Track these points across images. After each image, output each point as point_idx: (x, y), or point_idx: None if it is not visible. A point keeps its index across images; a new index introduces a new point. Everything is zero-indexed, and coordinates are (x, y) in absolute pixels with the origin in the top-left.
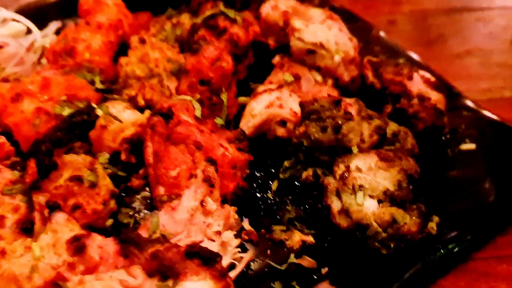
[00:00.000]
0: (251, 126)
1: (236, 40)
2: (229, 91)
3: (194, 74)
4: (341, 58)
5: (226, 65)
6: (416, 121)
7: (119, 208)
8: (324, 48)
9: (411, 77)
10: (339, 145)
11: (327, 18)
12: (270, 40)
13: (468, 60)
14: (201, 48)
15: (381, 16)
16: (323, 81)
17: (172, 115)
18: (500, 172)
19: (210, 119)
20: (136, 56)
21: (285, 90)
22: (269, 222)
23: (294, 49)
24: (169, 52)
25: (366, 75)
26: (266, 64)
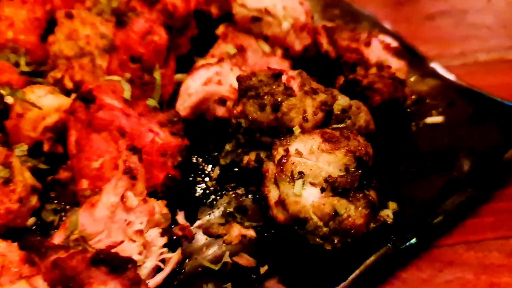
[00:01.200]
0: (187, 106)
1: (171, 10)
2: (167, 68)
3: (124, 50)
4: (291, 24)
5: (159, 39)
6: (372, 93)
7: (44, 205)
8: (270, 14)
9: (368, 43)
10: (279, 125)
11: None
12: (212, 8)
13: (440, 21)
14: (130, 21)
15: None
16: (271, 52)
17: (94, 99)
18: (471, 148)
19: (142, 100)
20: (64, 33)
21: (226, 64)
22: (207, 215)
23: (237, 17)
24: (103, 27)
25: (320, 42)
26: (213, 35)
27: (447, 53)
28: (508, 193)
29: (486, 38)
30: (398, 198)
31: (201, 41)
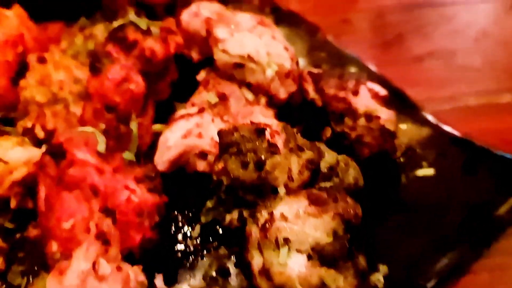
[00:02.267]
0: (165, 160)
1: (149, 55)
2: (144, 117)
3: (98, 99)
4: (275, 72)
5: (135, 87)
6: (361, 147)
7: (10, 266)
8: (254, 61)
9: (356, 91)
10: (263, 184)
11: (257, 24)
12: (193, 53)
13: (429, 62)
14: (104, 67)
15: (333, 15)
16: (255, 100)
17: (64, 154)
18: (463, 202)
19: (118, 153)
20: (35, 79)
21: (207, 115)
22: (188, 278)
23: (219, 63)
24: (78, 71)
25: (306, 90)
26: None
27: (436, 96)
28: (502, 248)
29: (475, 81)
30: (388, 259)
31: (182, 85)
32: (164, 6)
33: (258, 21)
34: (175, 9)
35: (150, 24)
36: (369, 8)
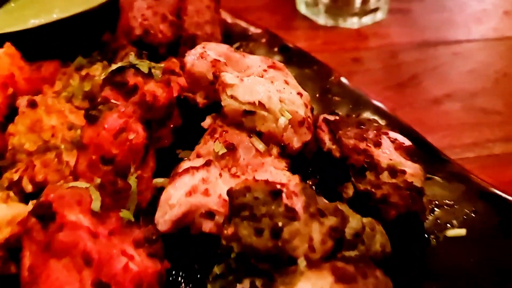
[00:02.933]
0: (168, 219)
1: (150, 101)
2: (144, 169)
3: (94, 149)
4: (288, 120)
5: (135, 137)
6: (387, 208)
7: None
8: (265, 108)
9: (378, 142)
10: (280, 253)
11: (268, 67)
12: (198, 97)
13: (448, 105)
14: (101, 115)
15: (344, 53)
16: (266, 150)
17: (54, 216)
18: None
19: (114, 212)
20: (25, 125)
21: (213, 169)
22: None
23: (227, 110)
24: (72, 115)
25: (322, 139)
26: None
27: (458, 143)
28: None
29: (498, 125)
30: None
31: (185, 132)
32: (167, 45)
33: (270, 65)
34: (178, 48)
35: (152, 66)
36: (380, 46)
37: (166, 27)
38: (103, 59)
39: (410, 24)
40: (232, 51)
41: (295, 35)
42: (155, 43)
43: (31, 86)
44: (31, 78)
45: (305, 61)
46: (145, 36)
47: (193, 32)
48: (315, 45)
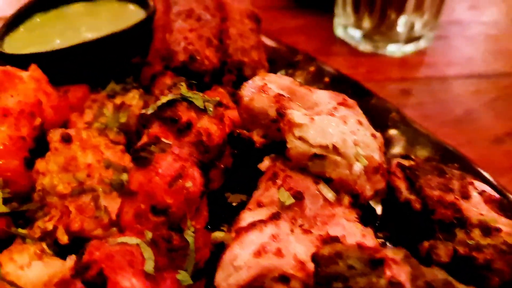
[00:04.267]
0: (233, 284)
1: (206, 141)
2: (198, 219)
3: (144, 198)
4: (364, 166)
5: (192, 185)
6: (489, 274)
7: None
8: (339, 153)
9: (467, 195)
10: None
11: (338, 104)
12: (255, 135)
13: (510, 145)
14: (153, 158)
15: (390, 83)
16: (336, 199)
17: (105, 283)
18: None
19: (169, 272)
20: (58, 163)
21: (283, 223)
22: None
23: (293, 153)
24: (109, 152)
25: (397, 187)
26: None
27: None
28: None
29: None
30: None
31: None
32: (212, 73)
33: (340, 101)
34: (222, 76)
35: (206, 99)
36: (428, 77)
37: (212, 52)
38: (139, 86)
39: (455, 53)
40: (297, 84)
41: (336, 61)
42: (200, 71)
43: (59, 115)
44: (59, 106)
45: (361, 94)
46: (191, 62)
47: (239, 58)
48: (358, 74)
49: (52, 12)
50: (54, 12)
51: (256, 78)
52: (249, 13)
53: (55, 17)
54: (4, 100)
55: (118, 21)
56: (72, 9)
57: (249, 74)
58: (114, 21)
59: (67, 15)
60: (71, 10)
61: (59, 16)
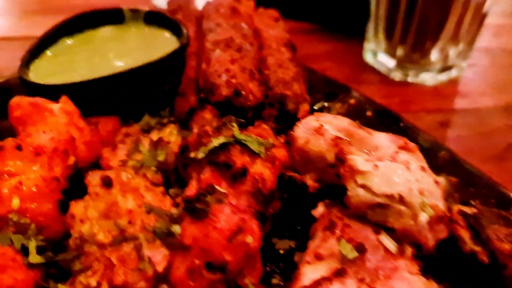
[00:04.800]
0: None
1: (261, 186)
2: (252, 273)
3: (199, 253)
4: (430, 216)
5: (252, 239)
6: None
7: None
8: (404, 203)
9: None
10: None
11: (399, 148)
12: (308, 179)
13: None
14: (209, 210)
15: (427, 115)
16: (398, 250)
17: None
18: None
19: None
20: (98, 209)
21: (350, 280)
22: None
23: (354, 201)
24: (149, 194)
25: (460, 237)
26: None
27: None
28: None
29: None
30: None
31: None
32: (253, 107)
33: (401, 145)
34: (264, 108)
35: (260, 142)
36: (465, 109)
37: (256, 86)
38: (176, 120)
39: (487, 82)
40: (355, 126)
41: (368, 90)
42: (245, 106)
43: (92, 151)
44: (92, 141)
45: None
46: (235, 97)
47: (281, 91)
48: (393, 104)
49: (79, 36)
50: (81, 36)
51: (310, 118)
52: (286, 41)
53: (83, 42)
54: (36, 136)
55: (148, 48)
56: (100, 33)
57: (291, 108)
58: (144, 48)
59: (95, 39)
60: (98, 34)
61: (87, 41)
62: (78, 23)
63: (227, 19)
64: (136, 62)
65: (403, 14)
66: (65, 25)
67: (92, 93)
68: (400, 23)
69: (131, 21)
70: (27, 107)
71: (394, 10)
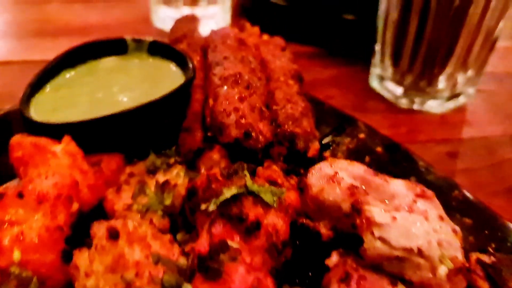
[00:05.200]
0: None
1: (275, 239)
2: None
3: None
4: (449, 269)
5: None
6: None
7: None
8: (423, 256)
9: None
10: None
11: (416, 197)
12: (322, 228)
13: None
14: (223, 269)
15: (435, 145)
16: None
17: None
18: None
19: None
20: (104, 263)
21: None
22: None
23: (370, 253)
24: (156, 243)
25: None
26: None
27: None
28: None
29: None
30: None
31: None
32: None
33: (418, 193)
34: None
35: (274, 192)
36: (473, 138)
37: (266, 126)
38: (182, 160)
39: (497, 109)
40: (371, 173)
41: (374, 119)
42: (255, 148)
43: (95, 194)
44: (96, 184)
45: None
46: (245, 139)
47: (291, 129)
48: (400, 134)
49: (81, 67)
50: (83, 67)
51: (325, 165)
52: (293, 73)
53: (85, 74)
54: (38, 182)
55: (153, 81)
56: (103, 64)
57: (301, 147)
58: (148, 81)
59: (97, 71)
60: (101, 66)
61: (89, 73)
62: (80, 54)
63: (234, 52)
64: (141, 96)
65: (412, 40)
66: (66, 56)
67: (96, 132)
68: (408, 50)
69: (135, 51)
70: (28, 147)
71: (402, 36)
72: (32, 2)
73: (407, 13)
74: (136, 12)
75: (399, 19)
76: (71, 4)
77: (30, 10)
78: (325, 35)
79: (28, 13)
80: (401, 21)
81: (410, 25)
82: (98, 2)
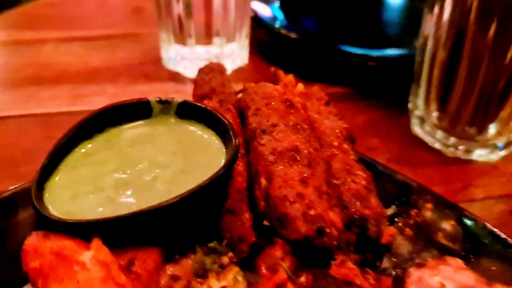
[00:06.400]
0: None
1: None
2: None
3: None
4: None
5: None
6: None
7: None
8: None
9: None
10: None
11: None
12: None
13: None
14: None
15: (496, 203)
16: None
17: None
18: None
19: None
20: None
21: None
22: None
23: None
24: None
25: None
26: None
27: None
28: None
29: None
30: None
31: None
32: None
33: None
34: None
35: None
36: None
37: (337, 215)
38: (237, 255)
39: None
40: (483, 283)
41: (425, 174)
42: (330, 247)
43: None
44: None
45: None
46: (317, 237)
47: (360, 212)
48: (456, 191)
49: (99, 138)
50: (102, 137)
51: (427, 274)
52: (346, 134)
53: (104, 147)
54: None
55: (187, 153)
56: (124, 133)
57: (374, 232)
58: (181, 152)
59: (119, 142)
60: (122, 135)
61: (109, 145)
62: (97, 122)
63: (283, 117)
64: (174, 177)
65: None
66: (82, 127)
67: (128, 229)
68: (457, 93)
69: (161, 114)
70: (49, 256)
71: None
72: (25, 43)
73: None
74: (143, 52)
75: (447, 59)
76: (69, 44)
77: (24, 53)
78: (353, 74)
79: (21, 56)
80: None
81: (461, 66)
82: (98, 40)
